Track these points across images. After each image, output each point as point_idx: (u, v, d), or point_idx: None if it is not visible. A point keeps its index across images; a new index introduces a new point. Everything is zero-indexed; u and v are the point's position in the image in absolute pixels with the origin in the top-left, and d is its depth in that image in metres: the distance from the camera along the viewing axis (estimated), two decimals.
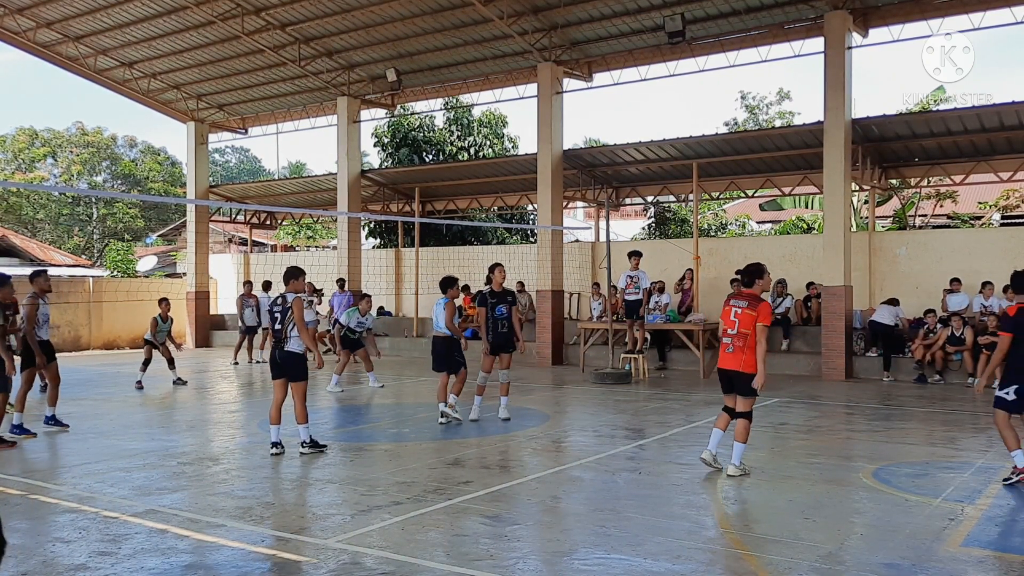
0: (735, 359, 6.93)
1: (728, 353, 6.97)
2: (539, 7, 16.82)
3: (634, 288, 14.85)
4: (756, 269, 7.12)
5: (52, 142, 42.88)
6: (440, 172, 22.99)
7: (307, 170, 54.88)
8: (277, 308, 8.26)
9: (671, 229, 26.88)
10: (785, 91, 31.16)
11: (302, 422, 8.15)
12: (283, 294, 8.34)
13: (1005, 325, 7.09)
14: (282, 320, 8.15)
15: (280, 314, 8.18)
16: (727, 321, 6.99)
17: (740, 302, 6.98)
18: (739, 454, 7.03)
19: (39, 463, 7.83)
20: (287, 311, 8.13)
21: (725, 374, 7.06)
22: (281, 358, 8.15)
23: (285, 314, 8.14)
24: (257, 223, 28.37)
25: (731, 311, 6.97)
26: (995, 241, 16.25)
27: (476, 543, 5.31)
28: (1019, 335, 6.92)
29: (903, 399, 12.16)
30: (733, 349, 6.92)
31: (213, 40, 19.97)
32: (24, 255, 27.75)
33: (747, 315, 6.83)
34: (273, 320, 8.26)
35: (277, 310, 8.24)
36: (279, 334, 8.18)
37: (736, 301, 7.02)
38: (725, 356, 7.02)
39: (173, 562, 5.02)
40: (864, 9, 15.02)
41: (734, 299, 7.08)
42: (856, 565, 4.86)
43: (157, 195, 39.15)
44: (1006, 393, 6.92)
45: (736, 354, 6.92)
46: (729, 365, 6.98)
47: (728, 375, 7.03)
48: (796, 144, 17.39)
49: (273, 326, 8.25)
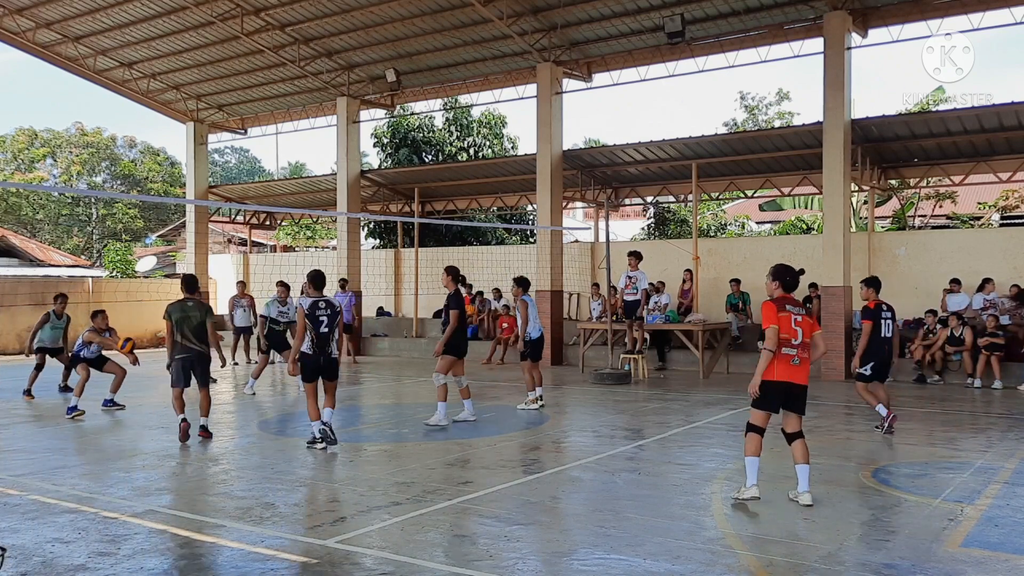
0: (805, 372, 6.16)
1: (795, 366, 6.10)
2: (539, 7, 16.82)
3: (632, 289, 14.85)
4: (798, 272, 6.45)
5: (52, 142, 42.86)
6: (440, 172, 22.99)
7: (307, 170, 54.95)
8: (323, 312, 8.28)
9: (671, 229, 26.87)
10: (784, 91, 31.14)
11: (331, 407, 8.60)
12: (330, 300, 8.43)
13: (865, 315, 9.06)
14: (330, 325, 8.32)
15: (328, 318, 8.31)
16: (788, 330, 6.06)
17: (796, 308, 6.16)
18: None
19: (39, 463, 7.83)
20: (336, 316, 8.39)
21: (790, 389, 6.12)
22: (327, 363, 8.36)
23: (334, 319, 8.36)
24: (256, 223, 28.37)
25: (791, 318, 6.09)
26: (995, 241, 16.26)
27: (476, 543, 5.31)
28: (876, 323, 9.05)
29: (903, 399, 12.15)
30: (800, 361, 6.11)
31: (213, 40, 19.97)
32: (23, 255, 27.72)
33: (807, 322, 6.18)
34: (319, 324, 8.26)
35: (324, 314, 8.28)
36: (326, 338, 8.30)
37: (792, 307, 6.15)
38: (794, 369, 6.10)
39: (173, 562, 5.01)
40: (864, 9, 15.03)
41: (788, 304, 6.17)
42: (856, 565, 4.86)
43: (157, 195, 39.14)
44: (864, 370, 9.14)
45: (804, 367, 6.16)
46: (802, 379, 6.14)
47: (795, 391, 6.14)
48: (796, 144, 17.39)
49: (318, 330, 8.25)
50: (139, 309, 23.02)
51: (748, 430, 6.27)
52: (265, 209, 26.56)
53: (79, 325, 13.78)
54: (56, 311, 13.28)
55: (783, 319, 6.09)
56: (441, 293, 10.31)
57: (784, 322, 6.09)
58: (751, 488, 6.19)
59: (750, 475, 6.21)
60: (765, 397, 6.16)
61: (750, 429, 6.26)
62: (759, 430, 6.23)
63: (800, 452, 6.19)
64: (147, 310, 23.66)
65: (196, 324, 8.83)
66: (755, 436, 6.24)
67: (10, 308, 21.35)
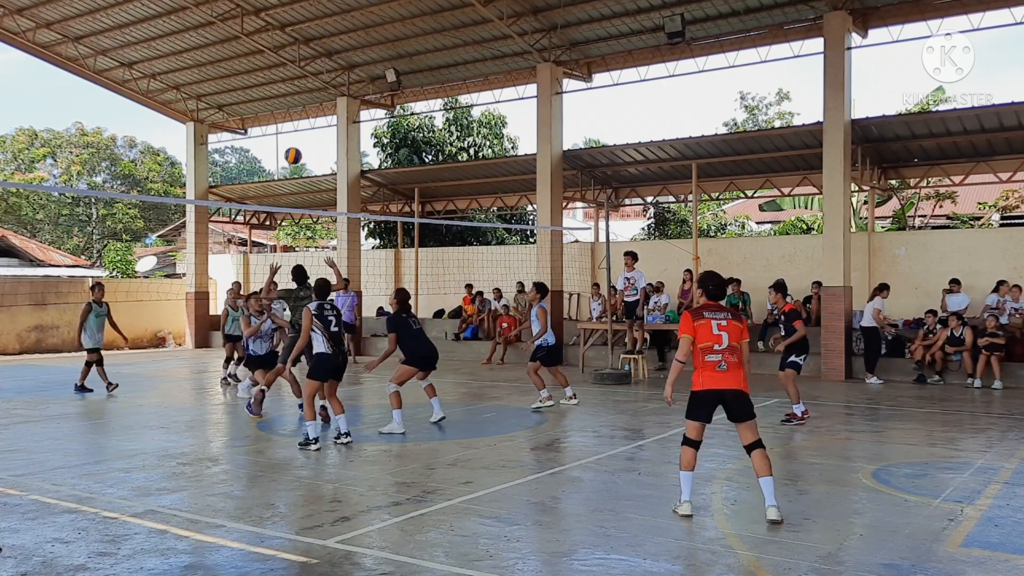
0: (736, 376, 5.84)
1: (722, 371, 5.80)
2: (539, 7, 16.82)
3: (632, 290, 14.86)
4: (723, 280, 6.29)
5: (52, 142, 42.84)
6: (440, 172, 23.00)
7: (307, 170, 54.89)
8: (331, 312, 8.60)
9: (671, 229, 26.87)
10: (784, 91, 31.15)
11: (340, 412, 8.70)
12: (333, 302, 8.81)
13: (795, 316, 10.05)
14: (338, 323, 8.65)
15: (336, 318, 8.64)
16: (709, 336, 5.82)
17: (719, 314, 5.93)
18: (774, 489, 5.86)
19: (39, 463, 7.83)
20: (339, 315, 8.75)
21: (721, 396, 5.83)
22: (343, 361, 8.70)
23: (339, 318, 8.71)
24: (256, 223, 28.37)
25: (710, 324, 5.84)
26: (995, 241, 16.27)
27: (476, 543, 5.31)
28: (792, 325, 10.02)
29: (903, 399, 12.16)
30: (728, 366, 5.81)
31: (213, 40, 19.98)
32: (24, 255, 27.72)
33: (734, 326, 5.90)
34: (328, 323, 8.50)
35: (331, 314, 8.59)
36: (338, 336, 8.61)
37: (713, 313, 5.92)
38: (721, 375, 5.80)
39: (173, 562, 5.01)
40: (864, 9, 15.03)
41: (707, 311, 5.94)
42: (856, 565, 4.86)
43: (157, 195, 39.13)
44: (801, 359, 10.16)
45: (735, 371, 5.84)
46: (732, 383, 5.81)
47: (727, 396, 5.82)
48: (796, 144, 17.40)
49: (328, 328, 8.48)
50: (139, 309, 23.01)
51: (683, 443, 5.93)
52: (265, 209, 26.56)
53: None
54: (96, 299, 13.29)
55: (701, 327, 5.85)
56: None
57: (703, 330, 5.84)
58: (684, 505, 5.85)
59: (684, 490, 5.86)
60: (695, 407, 5.87)
61: (685, 442, 5.92)
62: (693, 443, 5.89)
63: (760, 464, 5.76)
64: (147, 310, 23.67)
65: None
66: (689, 449, 5.89)
67: (10, 308, 21.35)
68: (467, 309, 20.28)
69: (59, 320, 22.41)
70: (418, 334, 9.64)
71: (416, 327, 9.64)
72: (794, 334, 9.93)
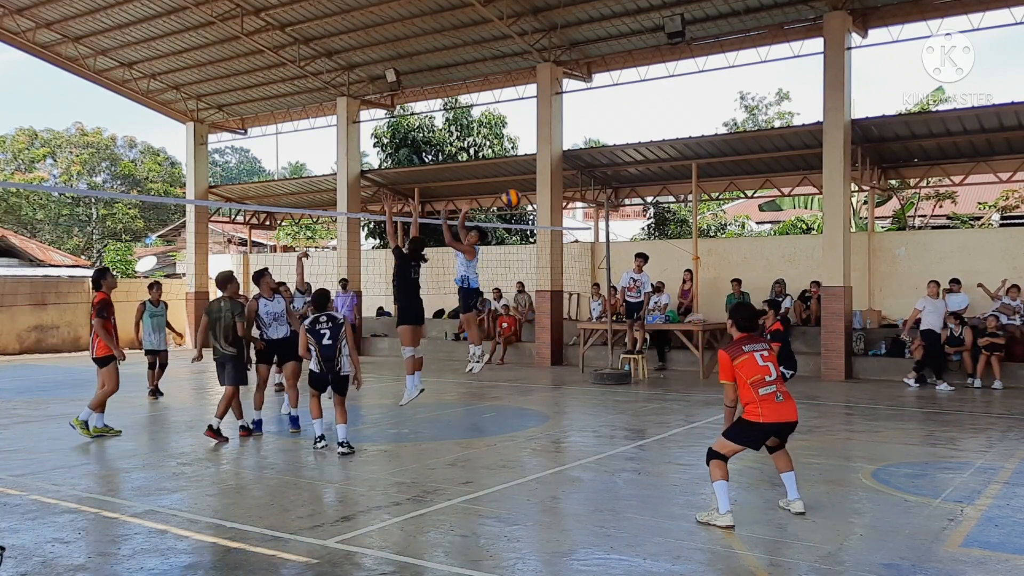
0: (793, 406, 5.83)
1: (780, 403, 5.73)
2: (539, 7, 16.82)
3: (636, 292, 14.85)
4: (756, 312, 6.35)
5: (52, 142, 42.84)
6: (440, 172, 23.00)
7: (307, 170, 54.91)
8: (325, 326, 8.19)
9: (670, 229, 26.87)
10: (784, 91, 31.16)
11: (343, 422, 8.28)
12: (330, 313, 8.31)
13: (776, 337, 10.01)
14: (333, 337, 8.15)
15: (332, 331, 8.17)
16: (756, 369, 5.72)
17: (757, 345, 5.87)
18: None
19: (39, 463, 7.83)
20: (340, 327, 8.22)
21: (783, 429, 5.82)
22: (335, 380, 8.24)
23: (338, 331, 8.19)
24: (256, 223, 28.36)
25: (754, 357, 5.76)
26: (995, 241, 16.26)
27: (476, 543, 5.31)
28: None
29: (903, 399, 12.16)
30: (783, 396, 5.76)
31: (213, 40, 19.97)
32: (23, 255, 27.71)
33: (772, 356, 5.89)
34: (320, 337, 8.14)
35: (326, 327, 8.17)
36: (330, 352, 8.15)
37: (752, 346, 5.84)
38: (780, 406, 5.73)
39: (173, 562, 5.01)
40: (864, 9, 15.03)
41: (746, 343, 5.85)
42: (856, 565, 4.86)
43: (157, 195, 39.13)
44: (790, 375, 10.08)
45: (790, 400, 5.81)
46: (791, 415, 5.80)
47: (788, 429, 5.86)
48: (795, 144, 17.39)
49: (320, 343, 8.13)
50: None
51: (716, 458, 5.74)
52: (265, 209, 26.56)
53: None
54: (152, 300, 13.20)
55: (744, 363, 5.74)
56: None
57: (748, 364, 5.74)
58: (726, 516, 5.63)
59: (724, 501, 5.64)
60: (751, 437, 5.78)
61: (719, 457, 5.74)
62: (725, 458, 5.77)
63: (783, 462, 5.96)
64: None
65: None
66: (722, 463, 5.74)
67: (10, 308, 21.34)
68: None
69: (59, 320, 22.41)
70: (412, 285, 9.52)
71: (413, 276, 9.53)
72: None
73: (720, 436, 5.83)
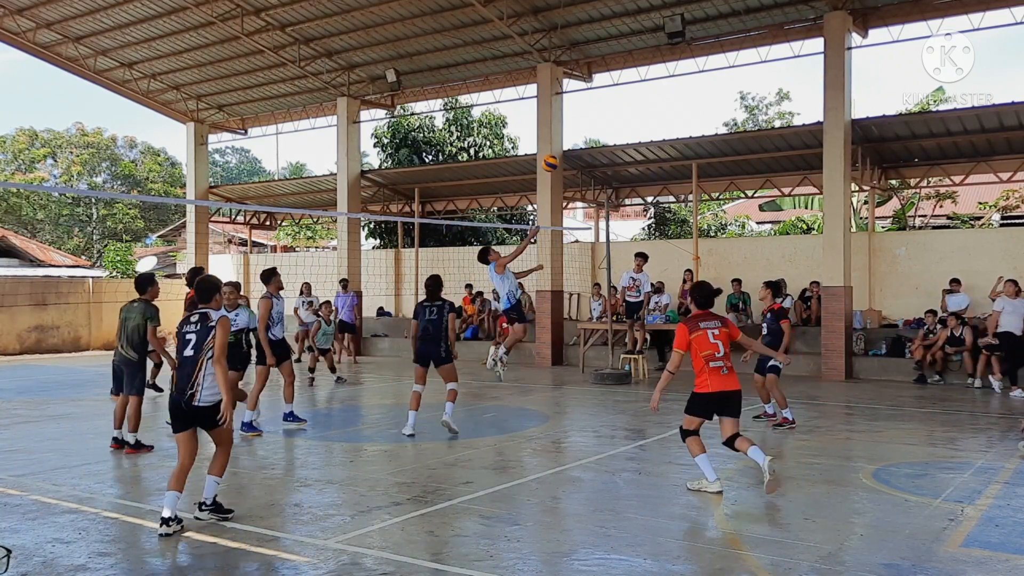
0: (735, 378, 6.61)
1: (726, 375, 6.51)
2: (539, 7, 16.82)
3: (636, 292, 14.85)
4: (714, 291, 6.92)
5: (52, 143, 42.85)
6: (440, 172, 23.00)
7: (307, 170, 54.90)
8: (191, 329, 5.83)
9: (671, 229, 26.88)
10: (785, 91, 31.17)
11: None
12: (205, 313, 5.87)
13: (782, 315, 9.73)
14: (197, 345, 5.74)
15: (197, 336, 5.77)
16: (708, 345, 6.48)
17: (711, 323, 6.60)
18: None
19: (39, 463, 7.83)
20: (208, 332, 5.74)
21: (728, 397, 6.54)
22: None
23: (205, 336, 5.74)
24: (257, 224, 28.37)
25: (707, 334, 6.51)
26: (995, 241, 16.26)
27: (476, 543, 5.31)
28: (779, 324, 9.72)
29: (903, 399, 12.16)
30: (728, 370, 6.53)
31: (213, 41, 19.97)
32: (24, 256, 27.72)
33: (724, 334, 6.59)
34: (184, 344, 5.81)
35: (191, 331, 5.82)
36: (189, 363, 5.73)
37: (707, 323, 6.58)
38: (725, 378, 6.52)
39: (173, 562, 5.01)
40: (864, 9, 15.03)
41: (702, 320, 6.61)
42: (856, 565, 4.86)
43: (157, 195, 39.14)
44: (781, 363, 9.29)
45: (733, 374, 6.60)
46: (735, 385, 6.57)
47: (733, 397, 6.57)
48: (796, 144, 17.39)
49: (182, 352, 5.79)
50: None
51: (687, 436, 6.64)
52: (265, 209, 26.56)
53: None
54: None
55: (698, 338, 6.51)
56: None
57: (701, 340, 6.51)
58: (715, 483, 6.51)
59: (708, 471, 6.55)
60: (703, 407, 6.58)
61: (688, 434, 6.63)
62: (695, 432, 6.63)
63: (744, 444, 6.51)
64: None
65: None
66: (695, 438, 6.61)
67: (10, 308, 21.35)
68: (467, 309, 20.27)
69: (59, 320, 22.40)
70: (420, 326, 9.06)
71: (427, 318, 9.02)
72: (780, 337, 9.52)
73: (684, 414, 6.68)
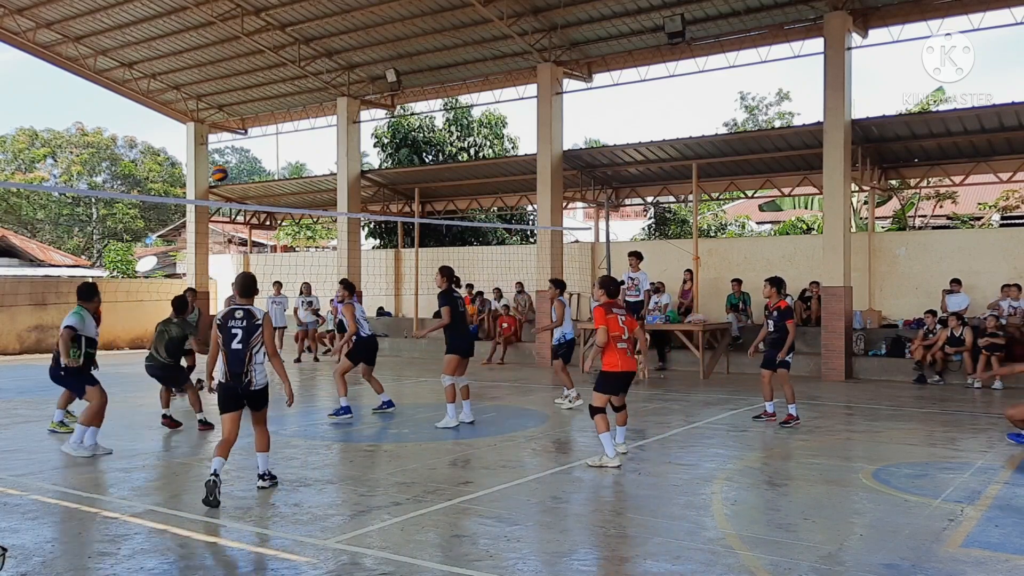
0: (635, 360, 7.72)
1: (630, 357, 7.55)
2: (539, 7, 16.82)
3: (635, 291, 14.84)
4: (618, 283, 8.02)
5: (52, 142, 42.85)
6: (440, 173, 22.99)
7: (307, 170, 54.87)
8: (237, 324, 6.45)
9: (671, 230, 26.88)
10: (785, 92, 31.21)
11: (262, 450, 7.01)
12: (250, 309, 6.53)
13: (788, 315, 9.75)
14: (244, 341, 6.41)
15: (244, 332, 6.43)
16: (617, 327, 7.43)
17: (620, 311, 7.59)
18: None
19: (39, 463, 7.83)
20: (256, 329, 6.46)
21: (629, 376, 7.61)
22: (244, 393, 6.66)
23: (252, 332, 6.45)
24: (257, 223, 28.37)
25: (617, 319, 7.47)
26: (995, 242, 16.26)
27: (476, 543, 5.31)
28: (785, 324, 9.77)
29: (903, 399, 12.16)
30: (631, 352, 7.57)
31: (213, 41, 19.97)
32: (24, 255, 27.73)
33: (630, 320, 7.61)
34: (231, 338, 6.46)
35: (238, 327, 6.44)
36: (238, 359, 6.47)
37: (616, 310, 7.55)
38: (629, 359, 7.53)
39: (173, 562, 5.01)
40: (864, 10, 15.03)
41: (612, 307, 7.54)
42: (856, 566, 4.86)
43: (157, 195, 39.14)
44: (790, 357, 9.86)
45: (634, 357, 7.69)
46: (634, 366, 7.63)
47: (632, 377, 7.66)
48: (796, 145, 17.39)
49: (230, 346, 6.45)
50: (139, 309, 23.01)
51: (596, 413, 7.46)
52: (265, 209, 26.56)
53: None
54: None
55: (611, 320, 7.45)
56: None
57: (612, 323, 7.44)
58: (615, 459, 7.34)
59: (609, 448, 7.38)
60: (612, 384, 7.54)
61: (597, 412, 7.45)
62: (603, 410, 7.46)
63: (622, 417, 7.88)
64: (147, 310, 23.65)
65: None
66: (603, 416, 7.43)
67: (10, 308, 21.35)
68: (467, 309, 20.29)
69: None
70: (463, 317, 9.77)
71: (462, 309, 9.72)
72: (786, 334, 9.70)
73: (593, 392, 7.54)
